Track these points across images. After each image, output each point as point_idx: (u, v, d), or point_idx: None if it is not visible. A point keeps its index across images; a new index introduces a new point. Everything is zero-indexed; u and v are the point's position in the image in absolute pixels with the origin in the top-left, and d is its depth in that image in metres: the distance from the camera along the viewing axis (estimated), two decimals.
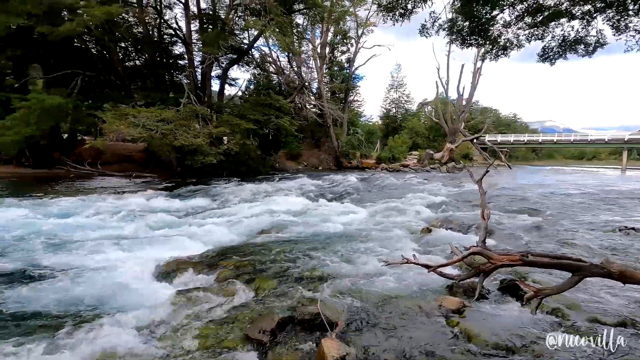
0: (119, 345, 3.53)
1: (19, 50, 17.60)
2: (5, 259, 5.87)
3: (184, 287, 4.52)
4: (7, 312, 4.21)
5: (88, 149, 18.82)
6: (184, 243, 6.67)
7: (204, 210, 10.11)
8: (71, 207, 9.77)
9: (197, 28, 20.95)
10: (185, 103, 16.69)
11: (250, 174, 19.04)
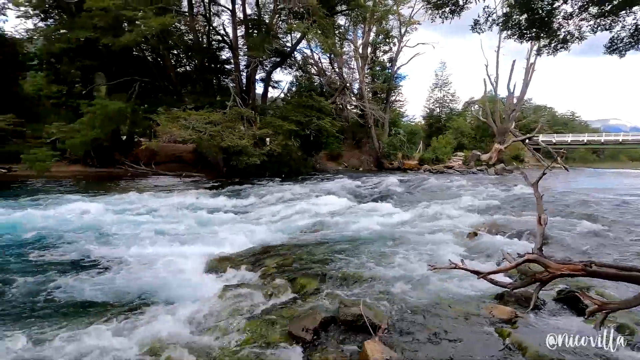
0: (170, 334, 3.76)
1: (86, 60, 19.39)
2: (72, 249, 6.48)
3: (230, 282, 4.71)
4: (73, 297, 4.66)
5: (144, 150, 20.26)
6: (230, 240, 6.95)
7: (248, 209, 10.46)
8: (128, 204, 10.57)
9: (243, 33, 21.75)
10: (231, 106, 17.39)
11: (292, 174, 19.38)
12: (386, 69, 34.39)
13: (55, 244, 6.80)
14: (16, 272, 5.36)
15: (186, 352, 3.29)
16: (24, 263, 5.83)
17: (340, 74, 30.58)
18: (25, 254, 6.19)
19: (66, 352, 3.48)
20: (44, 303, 4.50)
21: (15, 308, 4.34)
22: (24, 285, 4.90)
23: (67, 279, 5.21)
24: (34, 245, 6.66)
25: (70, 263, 5.90)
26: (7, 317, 4.09)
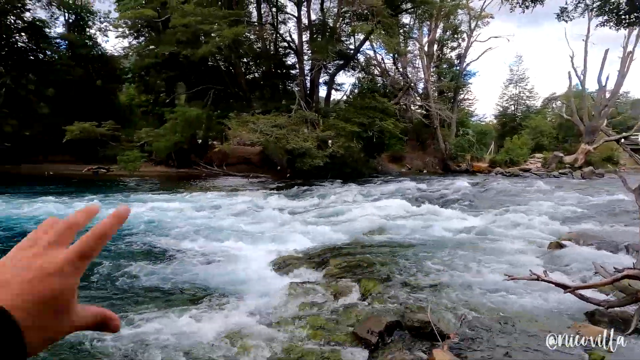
0: (242, 324, 4.02)
1: (170, 72, 21.62)
2: (154, 241, 7.24)
3: (295, 280, 4.89)
4: (156, 283, 5.21)
5: (216, 153, 21.89)
6: (294, 239, 7.19)
7: (311, 209, 10.72)
8: (203, 202, 11.51)
9: (308, 38, 22.38)
10: (296, 109, 18.01)
11: (354, 176, 19.39)
12: (454, 66, 32.67)
13: (141, 235, 7.67)
14: (108, 260, 6.16)
15: (257, 342, 3.49)
16: (116, 253, 6.67)
17: (405, 73, 29.82)
18: (117, 245, 7.08)
19: (152, 332, 3.92)
20: (131, 288, 5.11)
21: (106, 291, 4.99)
22: (117, 272, 5.60)
23: (150, 267, 5.84)
24: (124, 236, 7.58)
25: (152, 253, 6.62)
26: (98, 299, 4.74)
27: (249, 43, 23.41)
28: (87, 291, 4.94)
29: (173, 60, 21.28)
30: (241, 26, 17.25)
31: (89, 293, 4.88)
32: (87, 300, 4.61)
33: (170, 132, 17.98)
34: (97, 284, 5.20)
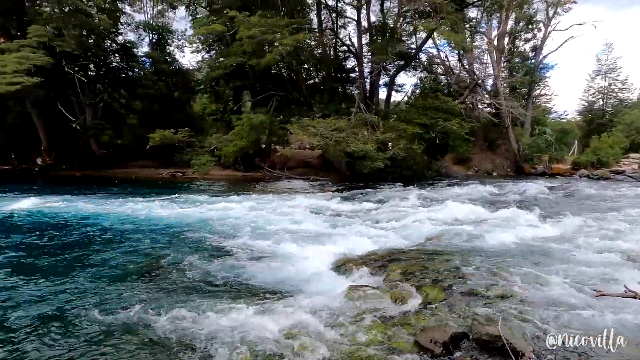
0: (302, 324, 4.10)
1: (237, 81, 23.08)
2: (221, 240, 7.69)
3: (355, 283, 4.86)
4: (223, 279, 5.53)
5: (279, 156, 22.80)
6: (354, 242, 7.17)
7: (370, 212, 10.60)
8: (266, 203, 12.02)
9: (368, 41, 22.27)
10: (356, 112, 18.00)
11: (415, 178, 18.76)
12: (528, 59, 29.94)
13: (209, 233, 8.21)
14: (179, 255, 6.71)
15: (317, 342, 3.54)
16: (187, 248, 7.25)
17: (471, 70, 28.13)
18: (190, 242, 7.70)
19: (219, 323, 4.18)
20: (200, 281, 5.49)
21: (177, 284, 5.43)
22: (187, 266, 6.08)
23: (217, 263, 6.24)
24: (194, 234, 8.22)
25: (219, 250, 7.05)
26: (170, 291, 5.17)
27: (310, 49, 24.01)
28: (160, 283, 5.45)
29: (240, 70, 22.68)
30: (302, 33, 17.77)
31: (162, 285, 5.38)
32: (159, 291, 5.11)
33: (237, 138, 19.21)
34: (169, 277, 5.70)
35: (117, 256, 6.91)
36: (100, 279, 5.77)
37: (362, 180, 18.13)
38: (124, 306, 4.75)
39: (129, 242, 7.82)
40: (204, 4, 24.07)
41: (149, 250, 7.13)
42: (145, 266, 6.33)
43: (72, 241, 8.04)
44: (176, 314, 4.41)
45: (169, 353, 3.70)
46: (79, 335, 4.02)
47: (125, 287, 5.42)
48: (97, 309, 4.62)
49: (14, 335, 4.01)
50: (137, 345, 3.84)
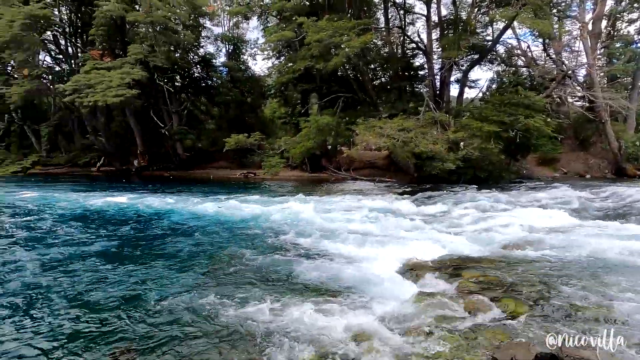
0: (368, 327, 4.06)
1: (305, 85, 23.78)
2: (289, 239, 7.94)
3: (424, 289, 4.67)
4: (291, 277, 5.71)
5: (344, 157, 22.90)
6: (422, 246, 6.89)
7: (441, 215, 10.09)
8: (332, 204, 12.15)
9: (438, 36, 21.26)
10: (424, 111, 17.29)
11: (491, 180, 17.37)
12: (632, 43, 25.76)
13: (277, 232, 8.56)
14: (249, 251, 7.09)
15: (384, 348, 3.49)
16: (256, 246, 7.63)
17: (559, 60, 25.11)
18: (258, 239, 8.10)
19: (284, 318, 4.34)
20: (270, 277, 5.75)
21: (248, 278, 5.73)
22: (257, 262, 6.41)
23: (285, 261, 6.47)
24: (264, 231, 8.62)
25: (287, 249, 7.30)
26: (242, 284, 5.48)
27: (376, 49, 23.71)
28: (230, 276, 5.84)
29: (307, 74, 23.33)
30: (369, 34, 17.62)
31: (231, 278, 5.75)
32: (227, 283, 5.47)
33: (304, 140, 19.79)
34: (238, 270, 6.07)
35: (191, 248, 7.60)
36: (174, 267, 6.41)
37: (430, 182, 17.35)
38: (195, 294, 5.20)
39: (203, 236, 8.54)
40: (274, 13, 25.24)
41: (220, 245, 7.71)
42: (216, 258, 6.86)
43: (154, 232, 9.06)
44: (242, 306, 4.70)
45: (235, 342, 3.95)
46: (153, 315, 4.51)
47: (198, 276, 5.94)
48: (169, 294, 5.14)
49: (99, 310, 4.65)
50: (204, 331, 4.17)
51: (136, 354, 3.77)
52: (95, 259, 6.95)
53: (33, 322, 4.43)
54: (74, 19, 27.95)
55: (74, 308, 4.82)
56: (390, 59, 23.27)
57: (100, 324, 4.39)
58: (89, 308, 4.82)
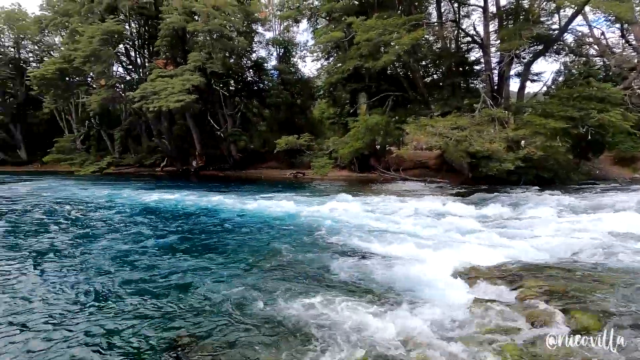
0: (420, 332, 3.95)
1: (353, 84, 23.69)
2: (339, 239, 7.94)
3: (481, 296, 4.43)
4: (341, 277, 5.72)
5: (393, 157, 22.44)
6: (478, 250, 6.54)
7: (498, 219, 9.48)
8: (381, 205, 11.97)
9: (496, 28, 19.97)
10: (480, 108, 16.33)
11: (557, 181, 15.93)
12: None
13: (325, 231, 8.62)
14: (297, 249, 7.21)
15: (436, 355, 3.37)
16: (305, 244, 7.75)
17: None
18: (307, 237, 8.22)
19: (334, 317, 4.35)
20: (319, 275, 5.81)
21: (296, 276, 5.83)
22: (305, 260, 6.51)
23: (335, 260, 6.48)
24: (312, 231, 8.71)
25: (336, 249, 7.32)
26: (291, 281, 5.59)
27: (428, 45, 22.88)
28: (279, 272, 5.99)
29: (356, 73, 23.22)
30: (420, 30, 17.07)
31: (280, 274, 5.90)
32: (277, 279, 5.61)
33: (353, 140, 19.72)
34: (287, 268, 6.21)
35: (241, 243, 7.94)
36: (226, 260, 6.75)
37: (486, 182, 16.38)
38: (245, 286, 5.42)
39: (252, 232, 8.89)
40: (323, 14, 25.47)
41: (269, 241, 7.96)
42: (265, 254, 7.10)
43: (208, 227, 9.59)
44: (290, 301, 4.81)
45: (283, 336, 4.05)
46: (207, 305, 4.78)
47: (247, 270, 6.20)
48: (220, 286, 5.41)
49: (159, 296, 5.02)
50: (254, 323, 4.34)
51: (194, 339, 4.04)
52: (156, 250, 7.57)
53: (104, 304, 4.94)
54: (142, 32, 30.59)
55: (136, 294, 5.30)
56: (443, 55, 22.30)
57: (160, 310, 4.77)
58: (150, 295, 5.26)
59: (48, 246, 7.97)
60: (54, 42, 38.87)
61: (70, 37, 29.11)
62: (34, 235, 8.92)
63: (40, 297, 5.25)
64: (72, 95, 32.96)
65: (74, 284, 5.77)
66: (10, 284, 5.78)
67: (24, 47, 38.53)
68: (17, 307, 4.92)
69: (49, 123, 38.59)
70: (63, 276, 6.12)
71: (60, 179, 25.88)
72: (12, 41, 37.42)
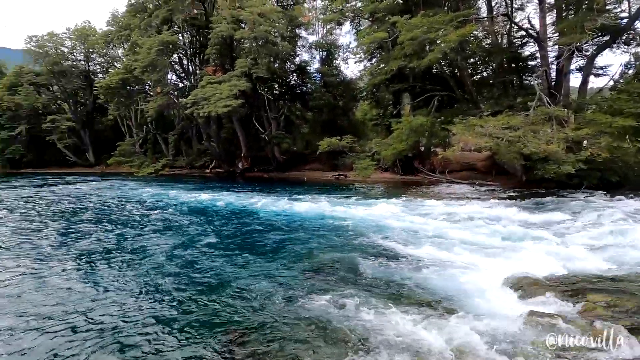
0: (471, 344, 3.78)
1: (397, 84, 23.27)
2: (382, 243, 7.85)
3: (537, 309, 4.15)
4: (384, 281, 5.65)
5: (439, 159, 21.66)
6: (533, 259, 6.14)
7: (556, 226, 8.79)
8: (426, 208, 11.62)
9: (554, 20, 18.57)
10: (536, 106, 15.24)
11: (627, 185, 14.43)
12: None
13: (370, 235, 8.53)
14: (336, 252, 7.20)
15: None
16: (349, 247, 7.72)
17: None
18: (351, 240, 8.18)
19: (381, 323, 4.30)
20: (362, 280, 5.76)
21: (343, 279, 5.83)
22: (350, 264, 6.49)
23: (379, 264, 6.42)
24: (356, 234, 8.67)
25: (381, 253, 7.23)
26: (332, 282, 5.59)
27: (477, 41, 21.82)
28: (323, 274, 6.02)
29: (400, 74, 22.76)
30: (469, 25, 16.31)
31: (324, 276, 5.92)
32: (321, 281, 5.65)
33: (396, 141, 19.35)
34: (332, 270, 6.24)
35: (286, 243, 8.10)
36: (272, 260, 6.92)
37: (543, 186, 15.28)
38: (291, 286, 5.54)
39: (296, 233, 9.03)
40: (366, 15, 25.30)
41: (313, 243, 8.05)
42: (309, 255, 7.19)
43: (253, 227, 9.89)
44: (335, 303, 4.83)
45: (329, 338, 4.08)
46: (255, 302, 4.93)
47: (293, 270, 6.32)
48: (268, 284, 5.56)
49: (209, 292, 5.27)
50: (300, 323, 4.41)
51: (245, 335, 4.21)
52: (201, 246, 8.00)
53: (160, 298, 5.31)
54: (194, 42, 32.44)
55: (186, 288, 5.64)
56: (494, 51, 21.14)
57: (210, 305, 5.03)
58: (202, 290, 5.57)
59: (109, 240, 8.73)
60: (117, 54, 42.50)
61: (131, 49, 31.66)
62: (96, 230, 9.81)
63: (101, 286, 5.78)
64: (133, 103, 35.86)
65: (132, 276, 6.28)
66: (75, 273, 6.42)
67: (92, 60, 42.53)
68: (78, 296, 5.45)
69: (112, 128, 42.28)
70: (122, 269, 6.68)
71: (121, 179, 28.23)
72: (83, 55, 41.46)
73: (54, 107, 42.21)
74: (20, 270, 6.66)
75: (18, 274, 6.43)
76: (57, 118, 38.28)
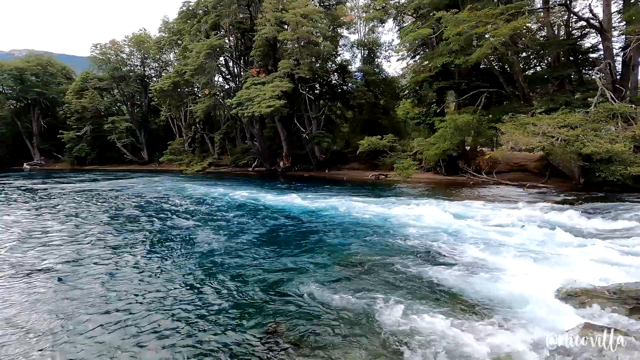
0: (517, 354, 3.63)
1: (442, 82, 22.50)
2: (426, 244, 7.70)
3: (594, 321, 3.87)
4: (429, 283, 5.55)
5: (485, 159, 20.62)
6: (594, 268, 5.72)
7: (619, 233, 8.08)
8: (472, 211, 11.16)
9: (620, 7, 16.95)
10: (597, 102, 14.01)
11: None
12: None
13: (411, 236, 8.39)
14: (382, 254, 7.14)
15: None
16: (389, 248, 7.63)
17: None
18: (392, 242, 8.08)
19: (419, 325, 4.25)
20: (401, 281, 5.70)
21: (381, 280, 5.80)
22: (389, 265, 6.43)
23: (421, 266, 6.30)
24: (397, 235, 8.56)
25: (425, 254, 7.09)
26: (372, 284, 5.57)
27: (530, 34, 20.45)
28: (362, 275, 6.01)
29: (445, 71, 22.00)
30: (522, 18, 15.35)
31: (363, 277, 5.92)
32: (360, 281, 5.64)
33: (439, 141, 18.73)
34: (370, 271, 6.22)
35: (326, 242, 8.19)
36: (313, 258, 7.03)
37: (603, 189, 14.04)
38: (331, 284, 5.61)
39: (337, 232, 9.08)
40: (410, 11, 24.72)
41: (353, 244, 8.05)
42: (349, 255, 7.23)
43: (293, 224, 10.07)
44: (376, 304, 4.83)
45: (369, 338, 4.10)
46: (294, 298, 5.05)
47: (333, 269, 6.37)
48: (307, 281, 5.66)
49: (253, 286, 5.47)
50: (339, 321, 4.46)
51: (285, 329, 4.36)
52: (244, 242, 8.33)
53: (206, 290, 5.63)
54: (239, 45, 33.69)
55: (232, 281, 5.92)
56: (549, 44, 19.70)
57: (254, 299, 5.25)
58: (246, 284, 5.82)
59: (160, 232, 9.38)
60: (169, 58, 45.28)
61: (182, 53, 33.58)
62: (149, 222, 10.57)
63: (154, 276, 6.24)
64: (183, 104, 38.06)
65: (181, 268, 6.71)
66: (128, 264, 6.98)
67: (147, 65, 45.72)
68: (131, 286, 5.92)
69: (165, 128, 45.20)
70: (171, 260, 7.15)
71: (171, 176, 30.08)
72: (139, 60, 44.70)
73: (114, 109, 46.09)
74: (97, 259, 7.38)
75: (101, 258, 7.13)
76: (117, 119, 41.74)
